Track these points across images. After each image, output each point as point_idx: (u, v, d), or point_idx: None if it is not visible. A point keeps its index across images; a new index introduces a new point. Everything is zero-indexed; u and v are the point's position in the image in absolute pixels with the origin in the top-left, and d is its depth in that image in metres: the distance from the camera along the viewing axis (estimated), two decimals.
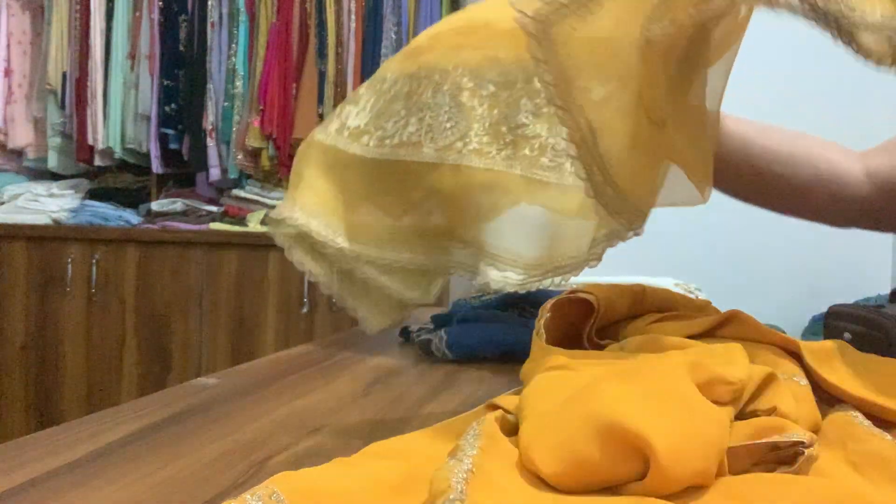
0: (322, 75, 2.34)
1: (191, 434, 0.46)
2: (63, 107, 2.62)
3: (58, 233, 2.50)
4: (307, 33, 2.38)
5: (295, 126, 2.34)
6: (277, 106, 2.36)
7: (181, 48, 2.49)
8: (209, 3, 2.44)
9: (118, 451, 0.42)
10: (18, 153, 2.76)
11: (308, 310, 2.27)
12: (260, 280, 2.31)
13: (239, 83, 2.43)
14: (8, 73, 2.69)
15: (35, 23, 2.74)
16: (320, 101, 2.34)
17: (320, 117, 2.33)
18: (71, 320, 2.47)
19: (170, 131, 2.49)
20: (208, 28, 2.45)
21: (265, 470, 0.39)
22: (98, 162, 2.59)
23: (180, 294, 2.37)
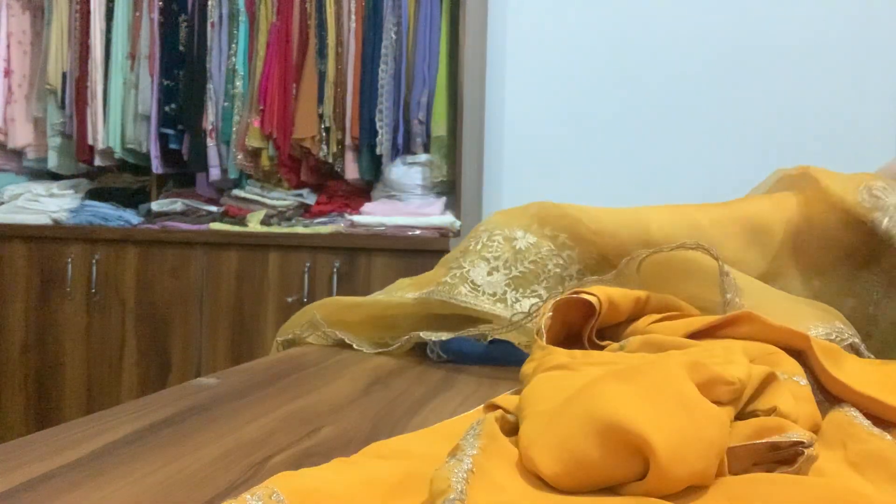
0: (322, 75, 2.34)
1: (191, 434, 0.46)
2: (63, 107, 2.62)
3: (58, 233, 2.50)
4: (307, 33, 2.38)
5: (295, 126, 2.34)
6: (277, 106, 2.36)
7: (181, 48, 2.49)
8: (209, 3, 2.44)
9: (118, 451, 0.42)
10: (18, 153, 2.76)
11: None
12: (260, 280, 2.31)
13: (239, 83, 2.43)
14: (8, 73, 2.69)
15: (35, 23, 2.74)
16: (320, 101, 2.34)
17: (320, 117, 2.33)
18: (71, 320, 2.47)
19: (170, 131, 2.49)
20: (208, 28, 2.45)
21: (265, 470, 0.39)
22: (98, 162, 2.59)
23: (180, 294, 2.37)
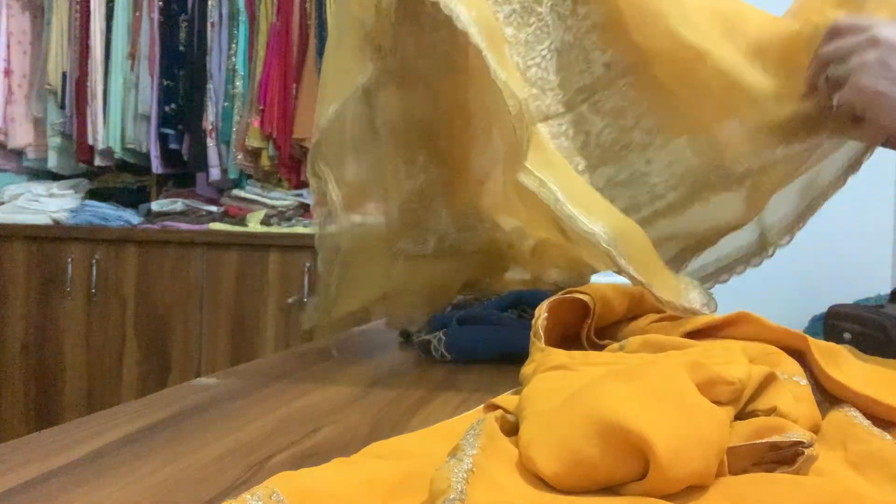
0: None
1: (191, 434, 0.46)
2: (63, 107, 2.61)
3: (58, 233, 2.50)
4: (307, 33, 2.38)
5: (295, 126, 2.34)
6: (277, 106, 2.36)
7: (181, 48, 2.49)
8: (209, 3, 2.44)
9: (118, 451, 0.42)
10: (18, 153, 2.76)
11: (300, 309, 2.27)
12: (260, 280, 2.31)
13: (239, 83, 2.43)
14: (8, 73, 2.69)
15: (35, 23, 2.73)
16: None
17: None
18: (71, 320, 2.47)
19: (170, 131, 2.49)
20: (208, 28, 2.45)
21: (265, 470, 0.39)
22: (98, 162, 2.59)
23: (180, 294, 2.37)
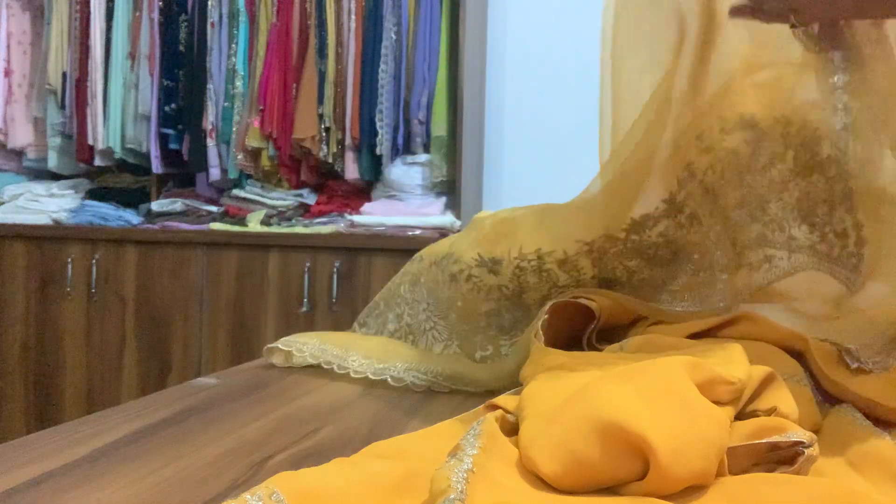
0: (322, 75, 2.34)
1: (191, 434, 0.46)
2: (63, 107, 2.61)
3: (58, 233, 2.50)
4: (307, 33, 2.38)
5: (295, 126, 2.34)
6: (277, 106, 2.36)
7: (181, 48, 2.49)
8: (209, 3, 2.44)
9: (118, 451, 0.42)
10: (18, 153, 2.76)
11: (308, 310, 2.27)
12: (260, 280, 2.31)
13: (239, 83, 2.43)
14: (8, 73, 2.69)
15: (35, 23, 2.73)
16: (320, 101, 2.34)
17: (320, 117, 2.33)
18: (71, 320, 2.47)
19: (170, 131, 2.49)
20: (208, 28, 2.45)
21: (265, 470, 0.39)
22: (98, 162, 2.59)
23: (180, 294, 2.37)
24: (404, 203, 2.31)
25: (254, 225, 2.36)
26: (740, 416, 0.38)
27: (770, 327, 0.48)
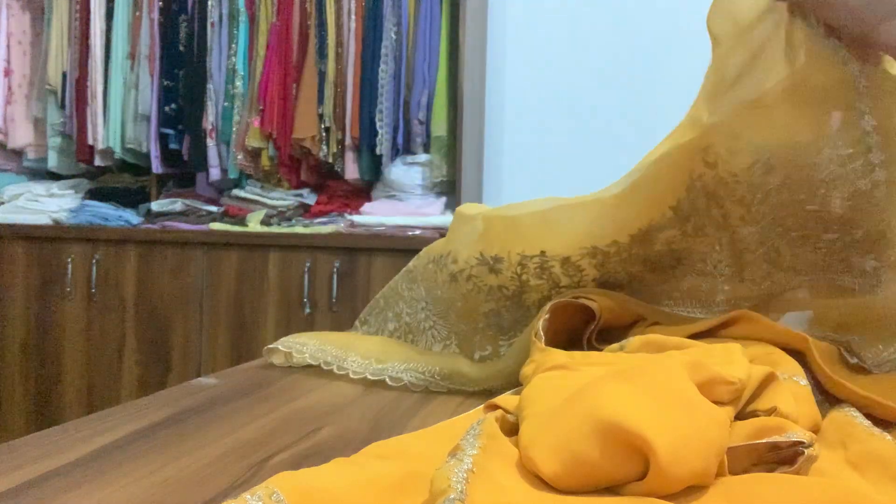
0: (322, 75, 2.34)
1: (191, 434, 0.46)
2: (63, 107, 2.62)
3: (58, 233, 2.50)
4: (307, 33, 2.38)
5: (295, 126, 2.34)
6: (277, 106, 2.36)
7: (181, 48, 2.49)
8: (209, 3, 2.44)
9: (118, 451, 0.42)
10: (18, 153, 2.76)
11: (308, 310, 2.27)
12: (260, 280, 2.31)
13: (239, 83, 2.43)
14: (8, 73, 2.69)
15: (35, 23, 2.73)
16: (320, 101, 2.34)
17: (320, 117, 2.33)
18: (71, 320, 2.47)
19: (170, 131, 2.49)
20: (208, 28, 2.45)
21: (265, 470, 0.39)
22: (98, 162, 2.59)
23: (180, 294, 2.37)
24: (404, 203, 2.31)
25: (254, 225, 2.37)
26: (740, 416, 0.38)
27: (770, 327, 0.48)
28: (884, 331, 0.48)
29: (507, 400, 0.42)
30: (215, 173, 2.45)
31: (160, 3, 2.48)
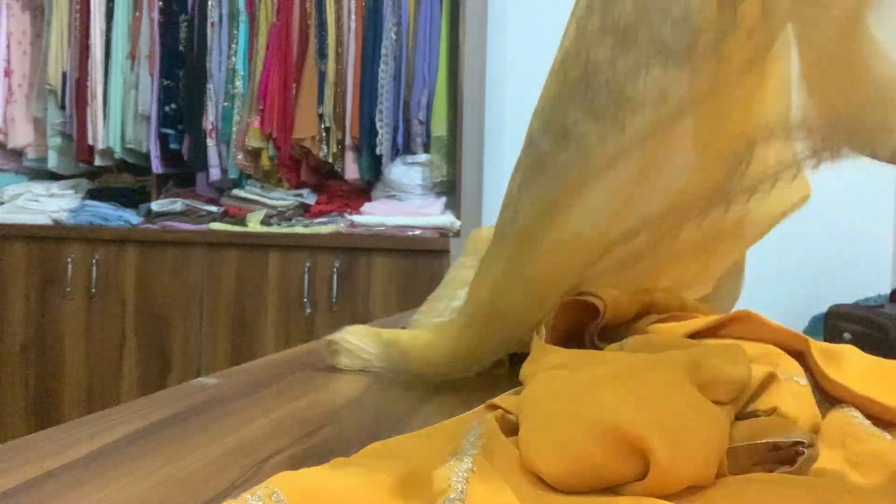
0: (322, 75, 2.34)
1: (191, 434, 0.46)
2: (63, 107, 2.61)
3: (58, 233, 2.50)
4: (307, 33, 2.38)
5: (295, 126, 2.34)
6: (277, 106, 2.36)
7: (181, 48, 2.49)
8: (209, 3, 2.44)
9: (118, 451, 0.42)
10: (18, 153, 2.76)
11: (308, 310, 2.27)
12: (260, 280, 2.31)
13: (239, 83, 2.43)
14: (8, 73, 2.69)
15: (35, 23, 2.73)
16: (320, 101, 2.34)
17: (320, 117, 2.33)
18: (71, 320, 2.47)
19: (170, 131, 2.49)
20: (208, 28, 2.45)
21: (265, 470, 0.39)
22: (98, 162, 2.59)
23: (180, 294, 2.37)
24: (404, 203, 2.31)
25: (254, 225, 2.36)
26: (740, 417, 0.38)
27: (770, 327, 0.48)
28: None
29: (507, 400, 0.42)
30: (215, 173, 2.45)
31: (160, 3, 2.48)
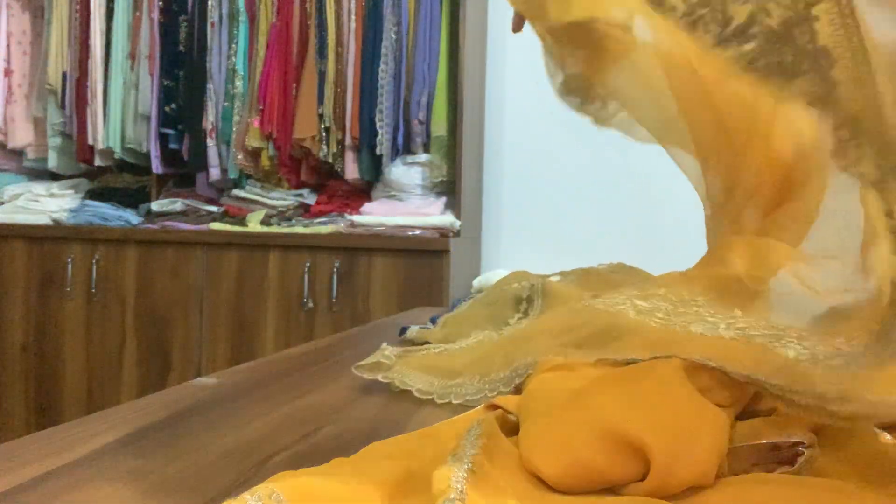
0: (322, 75, 2.34)
1: (191, 434, 0.46)
2: (63, 107, 2.61)
3: (58, 233, 2.50)
4: (307, 33, 2.38)
5: (295, 126, 2.34)
6: (277, 106, 2.36)
7: (181, 48, 2.49)
8: (209, 3, 2.44)
9: (118, 451, 0.42)
10: (18, 153, 2.76)
11: (308, 310, 2.27)
12: (260, 280, 2.31)
13: (239, 83, 2.43)
14: (8, 73, 2.69)
15: (35, 23, 2.73)
16: (320, 101, 2.34)
17: (320, 117, 2.33)
18: (71, 320, 2.47)
19: (170, 131, 2.49)
20: (208, 28, 2.45)
21: (265, 470, 0.39)
22: (98, 162, 2.59)
23: (180, 294, 2.37)
24: (404, 203, 2.31)
25: (254, 225, 2.36)
26: (740, 417, 0.38)
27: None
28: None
29: (507, 400, 0.42)
30: (215, 173, 2.45)
31: (160, 3, 2.48)
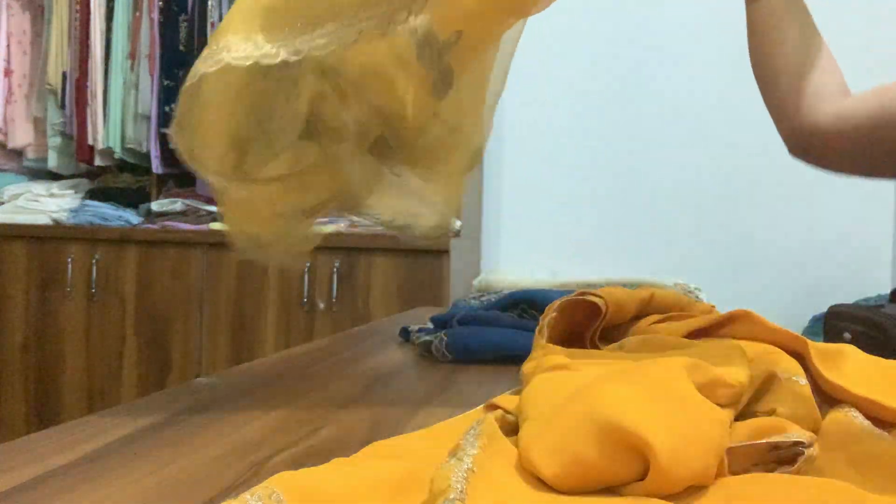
0: None
1: (191, 434, 0.46)
2: (63, 107, 2.62)
3: (58, 233, 2.50)
4: None
5: None
6: None
7: (181, 48, 2.49)
8: (209, 3, 2.44)
9: (118, 451, 0.42)
10: (18, 153, 2.76)
11: (308, 310, 2.27)
12: (260, 280, 2.31)
13: None
14: (8, 73, 2.69)
15: (35, 23, 2.74)
16: None
17: None
18: (71, 320, 2.47)
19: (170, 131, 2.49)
20: (208, 28, 2.45)
21: (265, 470, 0.39)
22: (98, 162, 2.59)
23: (180, 294, 2.37)
24: None
25: None
26: (740, 417, 0.38)
27: (768, 328, 0.48)
28: None
29: (507, 400, 0.42)
30: None
31: (160, 3, 2.48)
